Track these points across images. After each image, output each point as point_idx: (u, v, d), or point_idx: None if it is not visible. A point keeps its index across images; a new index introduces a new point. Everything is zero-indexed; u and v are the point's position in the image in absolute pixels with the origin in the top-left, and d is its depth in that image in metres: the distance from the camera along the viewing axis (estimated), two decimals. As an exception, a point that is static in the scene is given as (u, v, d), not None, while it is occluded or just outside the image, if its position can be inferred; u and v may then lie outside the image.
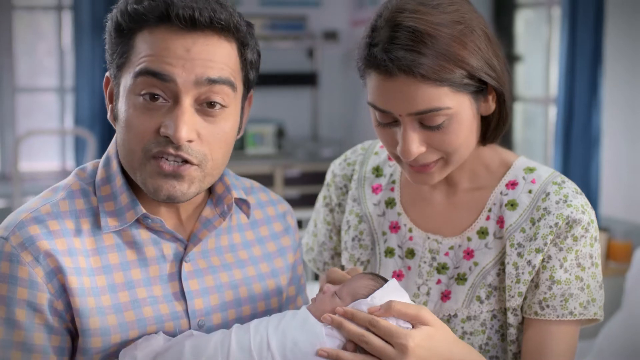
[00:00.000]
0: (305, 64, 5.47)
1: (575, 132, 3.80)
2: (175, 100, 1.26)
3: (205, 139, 1.28)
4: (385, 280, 1.40)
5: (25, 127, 5.07)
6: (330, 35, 5.38)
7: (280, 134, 5.21)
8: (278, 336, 1.33)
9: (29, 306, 1.29)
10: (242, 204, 1.45)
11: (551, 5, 4.35)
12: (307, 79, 5.42)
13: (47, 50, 5.27)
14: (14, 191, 4.06)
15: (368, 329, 1.33)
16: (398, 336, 1.30)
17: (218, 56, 1.27)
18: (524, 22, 4.68)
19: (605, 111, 3.76)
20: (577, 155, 3.78)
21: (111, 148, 1.39)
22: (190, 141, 1.27)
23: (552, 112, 4.27)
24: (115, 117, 1.34)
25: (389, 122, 1.41)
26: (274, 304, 1.48)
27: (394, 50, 1.36)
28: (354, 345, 1.34)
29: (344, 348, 1.33)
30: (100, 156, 4.42)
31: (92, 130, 4.80)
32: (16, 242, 1.29)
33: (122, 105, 1.29)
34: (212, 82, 1.26)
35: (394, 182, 1.60)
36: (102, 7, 4.90)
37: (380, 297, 1.35)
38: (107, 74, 1.36)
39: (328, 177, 1.69)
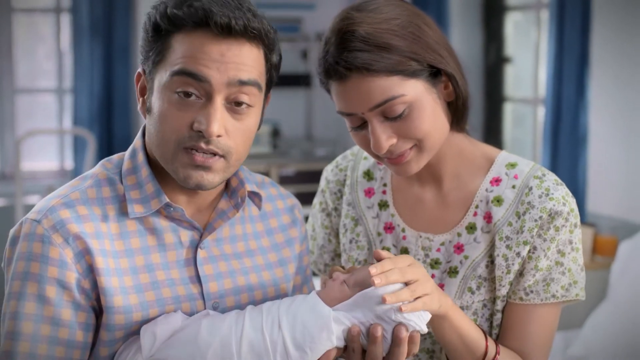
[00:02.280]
0: (299, 66, 5.46)
1: (563, 132, 3.81)
2: (208, 98, 1.34)
3: (231, 134, 1.35)
4: None
5: (25, 128, 5.07)
6: None
7: (275, 133, 5.20)
8: (289, 318, 1.37)
9: (59, 284, 1.35)
10: (255, 196, 1.52)
11: (540, 9, 4.36)
12: (301, 80, 5.39)
13: (46, 53, 5.25)
14: (16, 190, 4.07)
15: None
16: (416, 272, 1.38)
17: (248, 60, 1.35)
18: (513, 24, 4.69)
19: (592, 111, 3.79)
20: (565, 154, 3.80)
21: (137, 141, 1.46)
22: (219, 136, 1.34)
23: (541, 112, 4.29)
24: (148, 110, 1.40)
25: (359, 124, 1.47)
26: (283, 290, 1.53)
27: (341, 54, 1.43)
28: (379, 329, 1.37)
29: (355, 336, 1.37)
30: (100, 155, 4.43)
31: (90, 130, 4.83)
32: (48, 225, 1.35)
33: (156, 100, 1.36)
34: (242, 83, 1.34)
35: (385, 185, 1.65)
36: (101, 9, 4.92)
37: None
38: (140, 69, 1.42)
39: (322, 184, 1.75)
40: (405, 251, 1.60)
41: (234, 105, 1.35)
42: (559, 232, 1.50)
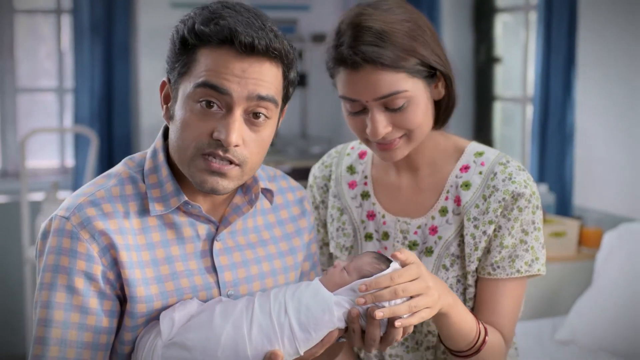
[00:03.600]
0: None
1: (551, 129, 3.79)
2: (228, 110, 1.40)
3: (248, 144, 1.41)
4: (388, 259, 1.52)
5: (26, 127, 5.05)
6: (319, 38, 5.32)
7: None
8: (294, 303, 1.44)
9: (86, 276, 1.42)
10: (267, 192, 1.58)
11: (528, 10, 4.33)
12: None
13: (46, 53, 5.23)
14: (21, 187, 4.09)
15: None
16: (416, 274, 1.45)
17: (268, 77, 1.40)
18: (502, 25, 4.65)
19: (578, 109, 3.76)
20: (553, 150, 3.79)
21: (157, 142, 1.52)
22: (236, 145, 1.40)
23: (529, 111, 4.26)
24: (170, 117, 1.46)
25: (358, 110, 1.59)
26: (292, 277, 1.61)
27: (359, 46, 1.54)
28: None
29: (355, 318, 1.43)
30: (102, 152, 4.51)
31: (91, 128, 4.85)
32: (76, 222, 1.42)
33: (179, 108, 1.42)
34: (260, 98, 1.40)
35: (366, 177, 1.78)
36: (101, 11, 4.91)
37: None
38: (165, 78, 1.48)
39: (310, 180, 1.86)
40: (385, 235, 1.72)
41: (252, 117, 1.41)
42: (522, 213, 1.63)
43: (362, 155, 1.82)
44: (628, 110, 3.56)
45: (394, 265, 1.48)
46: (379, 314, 1.40)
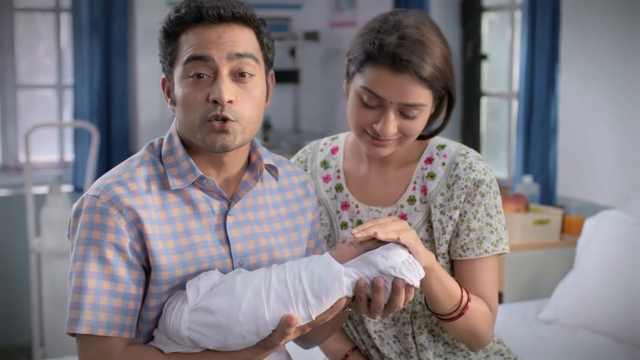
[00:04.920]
0: (288, 62, 5.48)
1: (535, 124, 3.81)
2: (215, 74, 1.54)
3: (240, 101, 1.55)
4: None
5: (26, 122, 5.10)
6: (311, 36, 5.36)
7: (266, 127, 5.23)
8: (307, 273, 1.53)
9: (116, 247, 1.53)
10: (272, 169, 1.69)
11: (514, 10, 4.33)
12: (289, 76, 5.39)
13: (46, 50, 5.27)
14: (26, 180, 4.16)
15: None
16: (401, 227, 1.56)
17: (242, 38, 1.56)
18: (489, 24, 4.65)
19: (561, 104, 3.78)
20: (537, 144, 3.81)
21: (172, 128, 1.66)
22: (230, 102, 1.53)
23: (515, 106, 4.26)
24: (173, 103, 1.61)
25: (375, 105, 1.69)
26: (297, 251, 1.71)
27: (405, 53, 1.64)
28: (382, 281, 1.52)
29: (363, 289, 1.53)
30: (101, 146, 4.58)
31: (91, 123, 4.86)
32: (105, 200, 1.54)
33: (178, 90, 1.58)
34: (240, 56, 1.55)
35: (339, 171, 1.89)
36: (100, 10, 4.97)
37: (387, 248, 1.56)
38: (163, 76, 1.64)
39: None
40: (359, 223, 1.83)
41: (238, 76, 1.55)
42: (485, 197, 1.75)
43: (334, 150, 1.92)
44: (609, 105, 3.59)
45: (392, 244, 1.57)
46: (359, 234, 1.54)
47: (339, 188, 1.89)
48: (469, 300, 1.72)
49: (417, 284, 1.55)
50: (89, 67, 5.02)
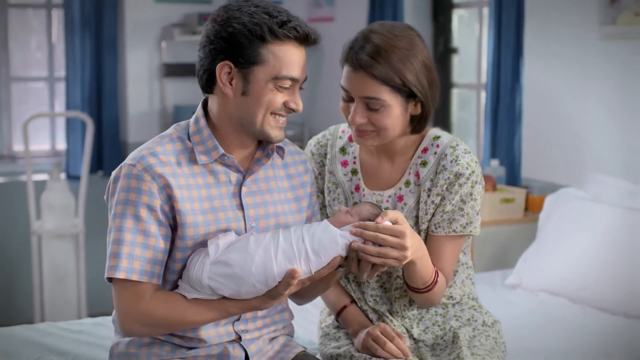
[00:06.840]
0: None
1: (502, 112, 3.92)
2: (293, 87, 1.77)
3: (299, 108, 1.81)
4: (380, 208, 1.85)
5: (19, 113, 5.15)
6: None
7: None
8: (309, 235, 1.71)
9: (148, 208, 1.72)
10: (279, 149, 1.90)
11: (482, 6, 4.38)
12: None
13: (38, 45, 5.32)
14: (26, 168, 4.30)
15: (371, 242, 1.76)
16: (396, 230, 1.77)
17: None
18: (458, 19, 4.70)
19: (525, 94, 3.87)
20: (503, 131, 3.93)
21: (199, 111, 1.85)
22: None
23: (483, 96, 4.32)
24: (243, 93, 1.76)
25: (349, 99, 1.93)
26: (297, 218, 1.91)
27: (362, 54, 1.87)
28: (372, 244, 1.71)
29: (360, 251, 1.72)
30: (94, 135, 4.69)
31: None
32: (140, 168, 1.74)
33: (258, 88, 1.75)
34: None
35: (355, 158, 2.09)
36: (91, 6, 5.04)
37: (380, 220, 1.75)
38: (228, 62, 1.75)
39: (308, 154, 2.12)
40: None
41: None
42: (462, 187, 1.95)
43: (351, 139, 2.12)
44: (568, 95, 3.74)
45: (385, 217, 1.75)
46: (355, 245, 1.74)
47: (354, 172, 2.04)
48: (437, 277, 1.94)
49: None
50: (80, 61, 5.09)
